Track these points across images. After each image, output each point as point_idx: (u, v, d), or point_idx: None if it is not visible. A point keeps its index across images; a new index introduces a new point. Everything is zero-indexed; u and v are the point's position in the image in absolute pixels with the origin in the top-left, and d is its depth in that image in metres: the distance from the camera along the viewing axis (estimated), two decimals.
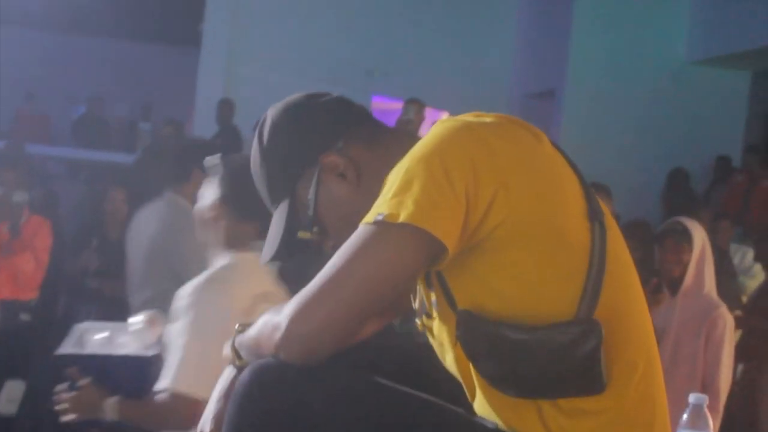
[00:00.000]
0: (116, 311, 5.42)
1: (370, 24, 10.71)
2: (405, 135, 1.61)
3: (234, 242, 2.65)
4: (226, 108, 8.96)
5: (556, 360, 1.38)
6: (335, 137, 1.60)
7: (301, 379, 1.40)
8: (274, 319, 1.43)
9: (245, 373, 1.45)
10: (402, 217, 1.37)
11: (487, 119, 1.51)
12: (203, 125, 10.07)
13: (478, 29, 11.04)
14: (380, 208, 1.40)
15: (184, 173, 3.85)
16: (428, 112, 8.18)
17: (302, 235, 1.63)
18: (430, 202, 1.37)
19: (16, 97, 13.43)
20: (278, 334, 1.40)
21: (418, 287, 1.62)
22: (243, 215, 2.60)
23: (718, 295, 3.94)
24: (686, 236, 3.92)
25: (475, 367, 1.46)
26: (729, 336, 3.80)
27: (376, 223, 1.39)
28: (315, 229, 1.63)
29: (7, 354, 4.88)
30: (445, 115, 1.68)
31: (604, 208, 1.51)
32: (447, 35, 10.90)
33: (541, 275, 1.41)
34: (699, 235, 3.93)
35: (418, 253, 1.39)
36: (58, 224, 5.56)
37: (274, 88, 10.10)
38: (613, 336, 1.41)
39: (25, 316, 4.90)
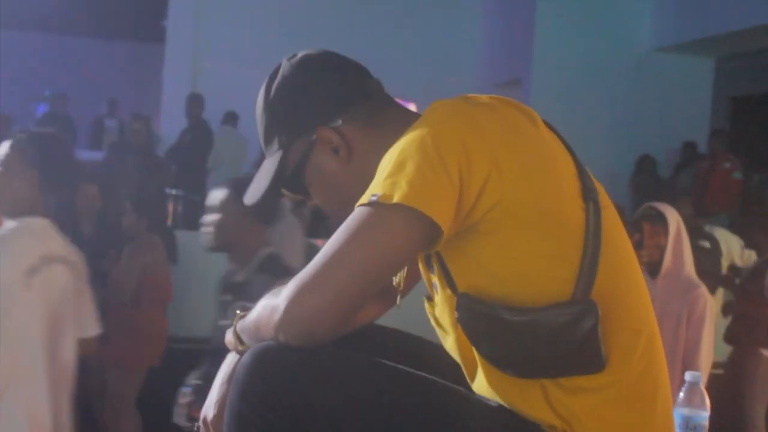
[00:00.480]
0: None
1: (334, 15, 10.70)
2: (405, 115, 1.60)
3: (24, 207, 2.89)
4: (195, 102, 8.93)
5: (555, 341, 1.39)
6: (336, 113, 1.60)
7: (301, 362, 1.41)
8: (272, 302, 1.43)
9: (246, 356, 1.45)
10: (396, 198, 1.38)
11: (480, 100, 1.53)
12: (170, 120, 10.04)
13: (442, 19, 11.06)
14: (374, 189, 1.41)
15: None
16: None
17: (285, 192, 1.68)
18: (423, 183, 1.38)
19: None
20: (277, 317, 1.40)
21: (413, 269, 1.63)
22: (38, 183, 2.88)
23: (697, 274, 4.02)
24: (661, 220, 3.99)
25: (476, 348, 1.47)
26: (710, 315, 3.85)
27: (370, 204, 1.40)
28: (297, 192, 1.67)
29: None
30: (412, 106, 1.69)
31: (599, 187, 1.52)
32: (411, 25, 10.91)
33: (536, 257, 1.42)
34: (673, 218, 4.00)
35: (413, 232, 1.40)
36: None
37: (239, 82, 10.13)
38: (611, 314, 1.42)
39: None
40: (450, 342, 1.59)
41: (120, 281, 5.33)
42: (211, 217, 3.38)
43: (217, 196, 3.40)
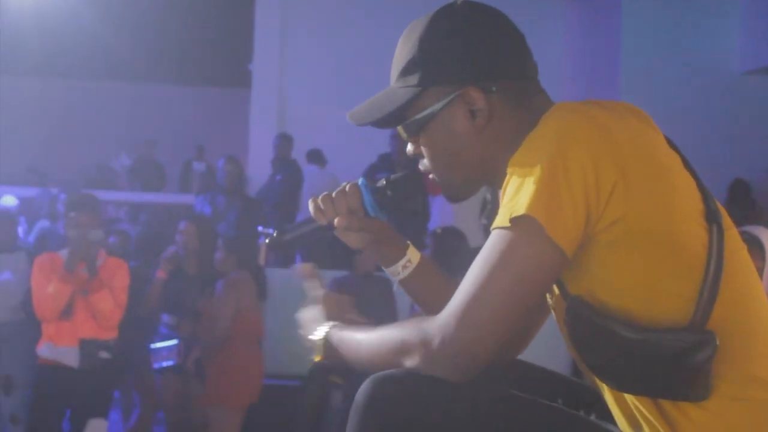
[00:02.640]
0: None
1: None
2: (545, 109, 1.50)
3: None
4: (284, 142, 9.04)
5: (664, 364, 1.35)
6: (494, 79, 1.53)
7: (427, 392, 1.39)
8: (412, 334, 1.41)
9: (366, 385, 1.43)
10: (531, 214, 1.35)
11: (608, 106, 1.48)
12: (257, 162, 10.19)
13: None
14: (514, 209, 1.37)
15: None
16: None
17: (400, 131, 1.60)
18: (555, 206, 1.35)
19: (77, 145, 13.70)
20: (433, 345, 1.37)
21: None
22: None
23: None
24: (757, 244, 3.88)
25: (579, 353, 1.44)
26: None
27: (509, 227, 1.37)
28: (411, 134, 1.59)
29: (88, 392, 4.94)
30: None
31: (721, 208, 1.47)
32: None
33: (656, 275, 1.39)
34: None
35: (549, 257, 1.37)
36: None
37: (324, 123, 10.23)
38: (728, 345, 1.37)
39: (104, 355, 4.95)
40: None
41: (213, 318, 5.41)
42: None
43: None
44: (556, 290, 1.49)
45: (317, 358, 1.58)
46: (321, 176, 9.31)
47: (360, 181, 1.77)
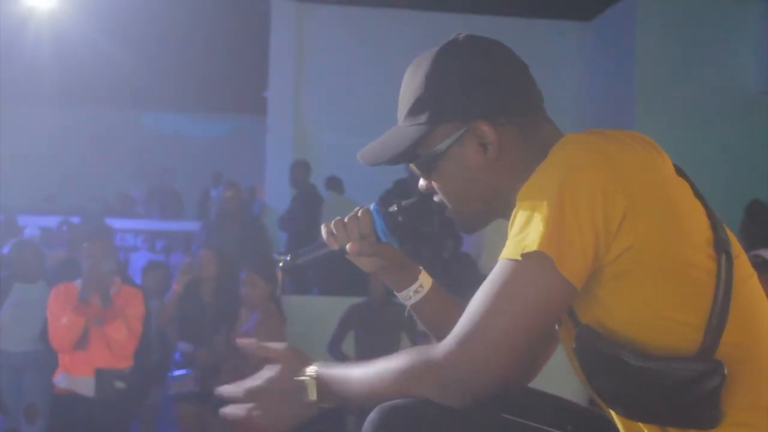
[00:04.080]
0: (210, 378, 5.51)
1: None
2: (556, 139, 1.52)
3: None
4: (301, 169, 9.08)
5: (673, 393, 1.35)
6: (502, 111, 1.54)
7: (435, 421, 1.39)
8: (417, 361, 1.41)
9: (374, 415, 1.43)
10: (538, 249, 1.36)
11: (614, 136, 1.48)
12: (275, 188, 10.23)
13: (541, 72, 11.01)
14: (525, 243, 1.37)
15: None
16: None
17: (412, 167, 1.62)
18: (566, 242, 1.35)
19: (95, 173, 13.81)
20: (436, 372, 1.38)
21: None
22: None
23: None
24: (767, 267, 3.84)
25: (588, 381, 1.44)
26: None
27: (523, 258, 1.37)
28: (424, 170, 1.61)
29: (103, 422, 4.94)
30: None
31: (731, 236, 1.47)
32: None
33: (664, 305, 1.39)
34: None
35: (558, 292, 1.37)
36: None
37: (340, 148, 10.24)
38: (737, 373, 1.37)
39: (120, 384, 4.96)
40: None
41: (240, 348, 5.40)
42: None
43: None
44: (565, 319, 1.49)
45: (312, 398, 1.54)
46: (340, 202, 9.33)
47: (372, 206, 1.79)
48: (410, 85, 1.60)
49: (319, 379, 1.54)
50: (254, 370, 1.53)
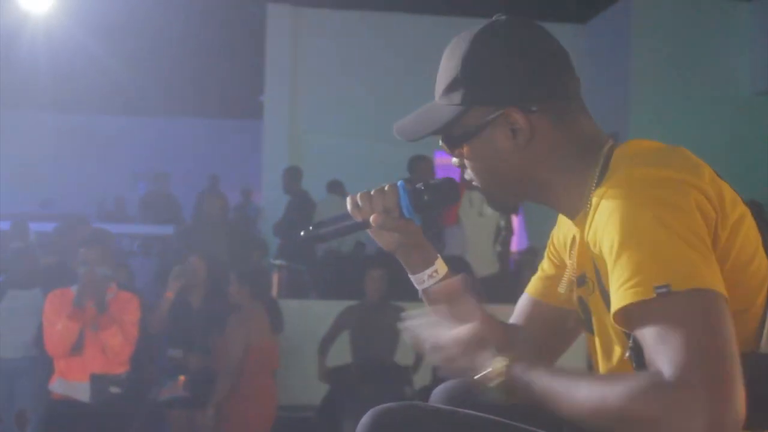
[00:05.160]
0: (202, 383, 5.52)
1: (429, 87, 10.78)
2: (592, 131, 1.58)
3: None
4: (292, 175, 9.08)
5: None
6: (535, 99, 1.56)
7: (428, 423, 1.41)
8: (639, 386, 1.28)
9: (367, 418, 1.45)
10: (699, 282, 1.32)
11: (674, 155, 1.49)
12: (271, 193, 10.23)
13: None
14: (678, 281, 1.31)
15: None
16: None
17: (442, 145, 1.65)
18: (705, 264, 1.33)
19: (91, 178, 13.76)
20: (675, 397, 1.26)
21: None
22: None
23: None
24: None
25: None
26: None
27: (687, 294, 1.31)
28: (454, 148, 1.64)
29: (99, 427, 4.94)
30: None
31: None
32: None
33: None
34: None
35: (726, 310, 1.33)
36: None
37: (336, 152, 10.22)
38: None
39: (115, 389, 4.95)
40: (597, 341, 1.59)
41: (226, 351, 5.41)
42: None
43: None
44: (616, 330, 1.50)
45: (490, 386, 1.45)
46: (341, 205, 9.31)
47: (399, 182, 1.82)
48: (448, 63, 1.63)
49: (507, 375, 1.45)
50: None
